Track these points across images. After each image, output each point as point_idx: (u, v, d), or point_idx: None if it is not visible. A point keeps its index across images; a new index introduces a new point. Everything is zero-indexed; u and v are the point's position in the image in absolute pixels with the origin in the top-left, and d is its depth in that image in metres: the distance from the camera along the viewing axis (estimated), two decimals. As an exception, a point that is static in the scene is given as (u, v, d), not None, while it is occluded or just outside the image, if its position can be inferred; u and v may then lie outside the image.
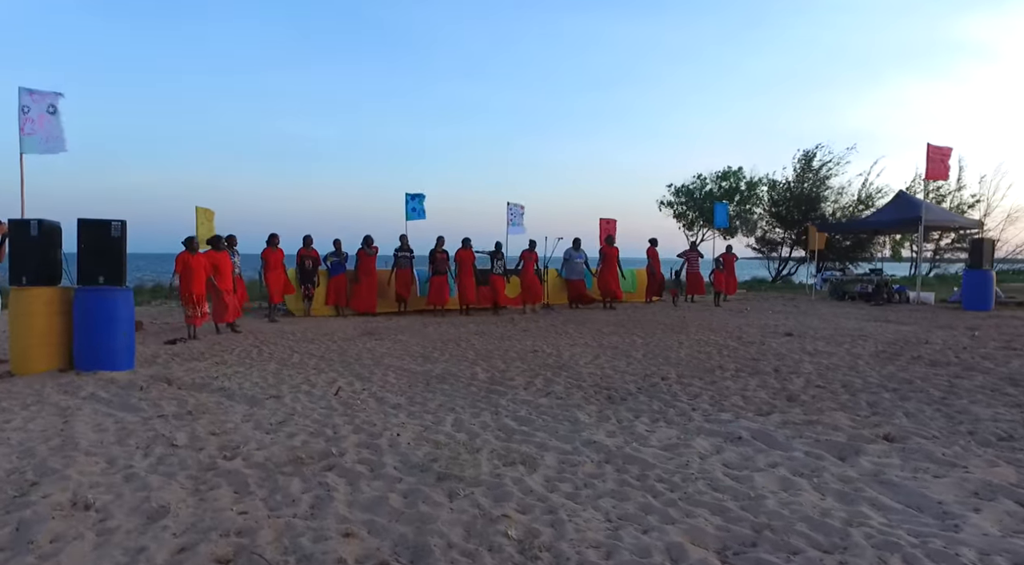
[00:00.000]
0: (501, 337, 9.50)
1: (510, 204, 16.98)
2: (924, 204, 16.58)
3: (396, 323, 11.32)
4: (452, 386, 6.07)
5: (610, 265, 14.45)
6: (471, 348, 8.42)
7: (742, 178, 32.68)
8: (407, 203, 15.86)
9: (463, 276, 12.81)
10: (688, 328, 10.62)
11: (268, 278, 11.34)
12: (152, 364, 7.19)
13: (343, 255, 12.46)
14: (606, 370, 6.91)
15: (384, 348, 8.38)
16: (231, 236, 11.00)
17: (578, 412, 5.11)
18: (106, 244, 6.70)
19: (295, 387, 5.97)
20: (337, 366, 7.07)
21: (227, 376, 6.45)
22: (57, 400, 5.40)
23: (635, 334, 9.83)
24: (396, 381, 6.27)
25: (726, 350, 8.26)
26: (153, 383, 6.04)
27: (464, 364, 7.23)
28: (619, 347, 8.52)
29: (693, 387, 6.07)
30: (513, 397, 5.62)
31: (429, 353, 8.00)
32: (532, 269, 13.65)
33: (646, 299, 16.14)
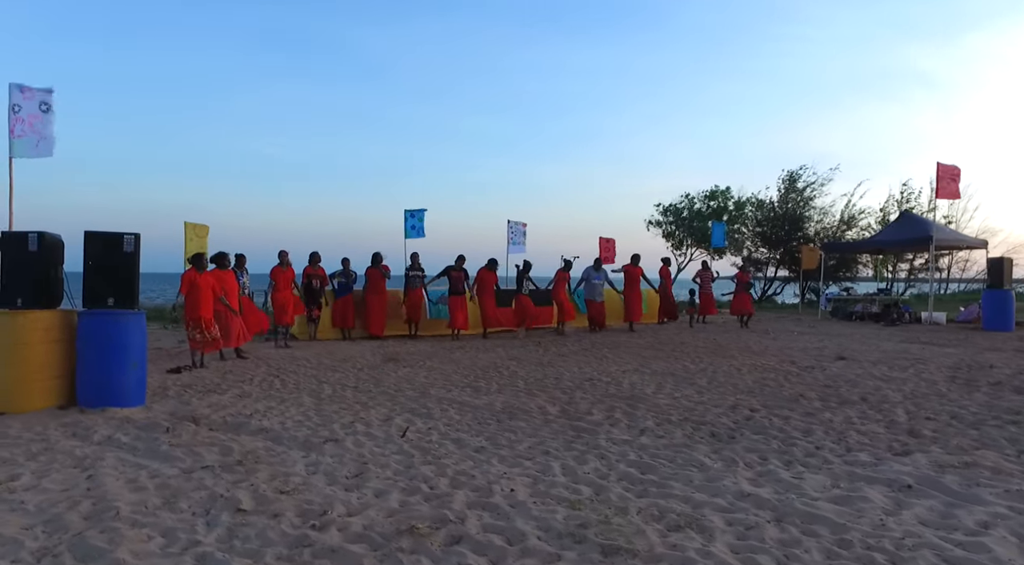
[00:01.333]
0: (540, 363, 8.75)
1: (511, 222, 16.33)
2: (934, 224, 16.43)
3: (415, 347, 10.47)
4: (528, 423, 5.30)
5: (635, 286, 13.82)
6: (516, 376, 7.66)
7: (730, 198, 32.72)
8: (406, 220, 15.06)
9: (485, 298, 12.04)
10: (729, 351, 10.02)
11: (275, 298, 10.38)
12: (164, 398, 6.27)
13: (351, 275, 11.59)
14: (682, 401, 6.22)
15: (421, 377, 7.56)
16: (240, 255, 10.06)
17: (694, 454, 4.41)
18: (117, 261, 5.81)
19: (348, 426, 5.14)
20: (381, 399, 6.24)
21: (261, 413, 5.58)
22: (69, 447, 4.49)
23: (681, 359, 9.17)
24: (460, 418, 5.48)
25: (791, 376, 7.65)
26: (178, 423, 5.14)
27: (522, 395, 6.47)
28: (675, 373, 7.85)
29: (793, 420, 5.42)
30: (608, 437, 4.88)
31: (474, 382, 7.21)
32: (564, 289, 13.00)
33: (659, 320, 15.55)
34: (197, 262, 8.05)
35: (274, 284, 10.44)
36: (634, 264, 14.09)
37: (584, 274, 13.44)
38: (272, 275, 10.47)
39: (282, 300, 10.42)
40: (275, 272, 10.46)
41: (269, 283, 10.51)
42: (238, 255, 9.94)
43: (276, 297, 10.42)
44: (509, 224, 16.36)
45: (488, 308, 12.07)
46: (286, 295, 10.47)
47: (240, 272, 9.78)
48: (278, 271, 10.47)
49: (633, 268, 13.97)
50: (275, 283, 10.43)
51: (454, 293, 11.80)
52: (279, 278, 10.44)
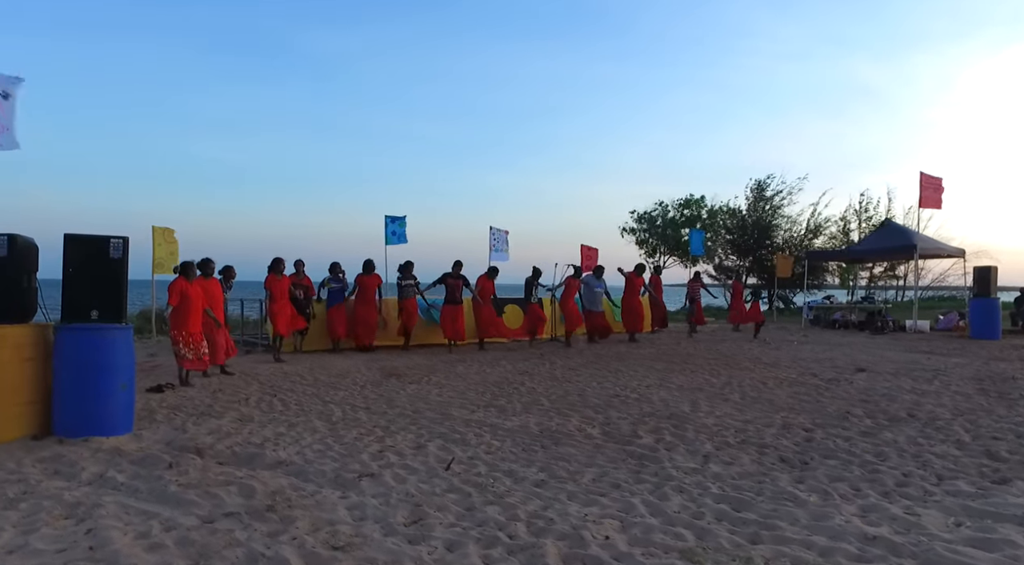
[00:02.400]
0: (554, 377, 8.22)
1: (493, 228, 15.77)
2: (917, 233, 16.53)
3: (412, 361, 9.82)
4: (578, 450, 4.77)
5: (636, 295, 13.40)
6: (536, 393, 7.11)
7: (703, 206, 32.85)
8: (387, 226, 14.42)
9: (483, 307, 11.45)
10: (740, 362, 9.66)
11: (272, 310, 9.59)
12: (152, 423, 5.54)
13: (344, 282, 10.86)
14: (727, 420, 5.78)
15: (434, 395, 6.95)
16: (229, 267, 9.26)
17: (778, 484, 3.95)
18: (101, 268, 5.08)
19: (377, 456, 4.52)
20: (401, 422, 5.62)
21: (272, 441, 4.91)
22: (54, 489, 3.76)
23: (697, 372, 8.76)
24: (500, 444, 4.91)
25: (822, 390, 7.30)
26: (179, 455, 4.45)
27: (553, 416, 5.94)
28: (702, 388, 7.42)
29: (856, 441, 5.03)
30: (673, 464, 4.38)
31: (493, 401, 6.64)
32: (574, 297, 12.48)
33: (652, 329, 15.18)
34: (187, 271, 7.28)
35: (270, 294, 9.64)
36: (638, 274, 13.68)
37: (584, 282, 12.93)
38: (267, 285, 9.66)
39: (278, 311, 9.62)
40: (270, 281, 9.65)
41: (266, 294, 9.71)
42: (225, 266, 9.17)
43: (272, 308, 9.61)
44: (491, 230, 15.81)
45: (486, 318, 11.49)
46: (283, 306, 9.66)
47: (226, 285, 9.03)
48: (273, 280, 9.66)
49: (636, 277, 13.54)
50: (271, 293, 9.63)
51: (450, 302, 11.13)
52: (274, 288, 9.63)
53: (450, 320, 11.08)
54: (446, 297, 11.12)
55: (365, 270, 11.07)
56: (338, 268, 10.88)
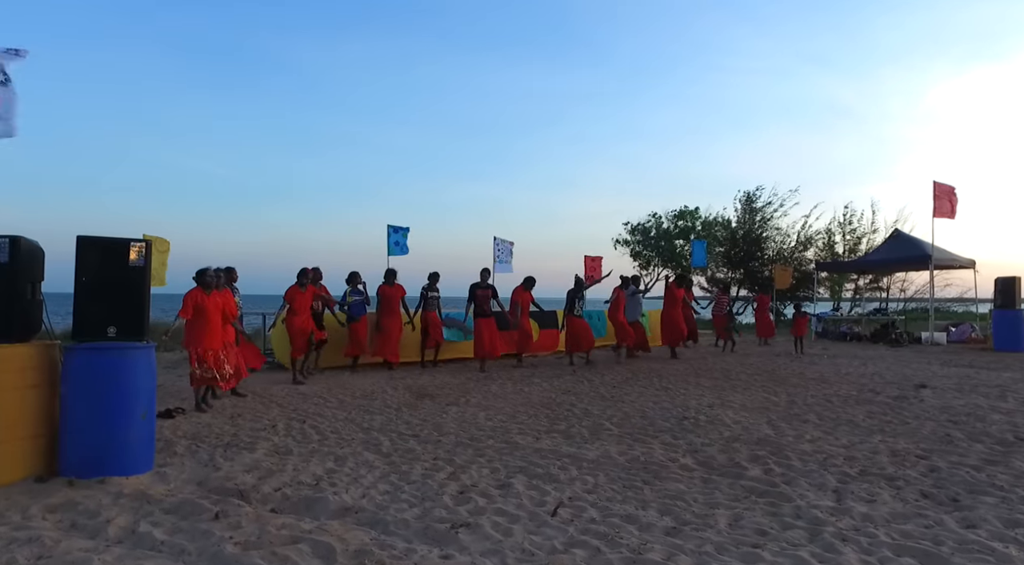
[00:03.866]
0: (601, 396, 7.54)
1: (497, 239, 15.16)
2: (931, 244, 16.24)
3: (439, 379, 9.05)
4: (686, 485, 4.11)
5: (677, 307, 12.46)
6: (591, 414, 6.44)
7: (698, 218, 32.57)
8: (389, 236, 13.74)
9: (520, 320, 10.67)
10: (788, 379, 9.09)
11: (292, 324, 8.72)
12: (172, 455, 4.75)
13: (364, 293, 10.05)
14: (823, 446, 5.16)
15: (482, 419, 6.22)
16: (231, 269, 8.44)
17: (950, 526, 3.33)
18: (120, 276, 4.32)
19: (460, 498, 3.81)
20: (464, 453, 4.89)
21: (326, 480, 4.16)
22: (78, 552, 2.99)
23: (749, 389, 8.15)
24: (593, 479, 4.22)
25: (900, 410, 6.73)
26: (222, 502, 3.69)
27: (630, 442, 5.26)
28: (768, 408, 6.80)
29: (988, 471, 4.43)
30: (807, 502, 3.73)
31: (554, 425, 5.94)
32: (623, 308, 11.61)
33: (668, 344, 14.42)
34: (203, 280, 6.47)
35: (290, 307, 8.71)
36: (679, 284, 12.89)
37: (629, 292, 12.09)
38: (287, 297, 8.73)
39: (300, 328, 8.72)
40: (291, 293, 8.72)
41: (282, 305, 8.81)
42: (227, 269, 8.33)
43: (294, 322, 8.68)
44: (496, 241, 15.22)
45: (525, 332, 10.76)
46: (304, 321, 8.78)
47: (233, 289, 8.22)
48: (295, 292, 8.73)
49: (678, 289, 12.70)
50: (291, 306, 8.70)
51: (480, 315, 10.26)
52: (296, 301, 8.71)
53: (485, 336, 10.12)
54: (475, 310, 10.25)
55: (387, 280, 10.25)
56: (358, 278, 10.01)
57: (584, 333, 10.89)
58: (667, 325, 12.40)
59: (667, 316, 12.45)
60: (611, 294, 11.88)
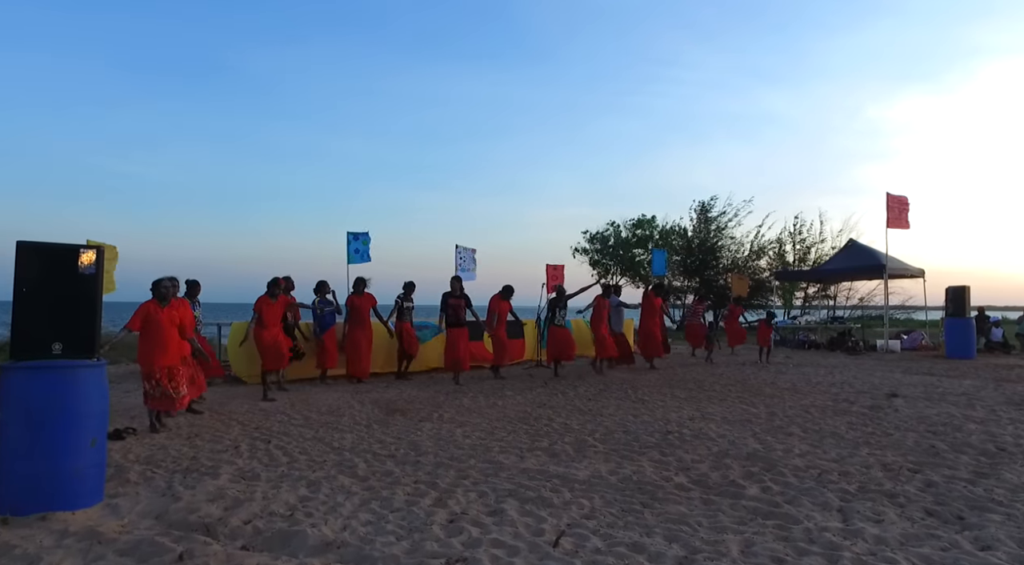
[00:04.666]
0: (579, 410, 7.32)
1: (459, 247, 14.89)
2: (884, 254, 16.67)
3: (406, 392, 8.69)
4: (686, 506, 3.90)
5: (655, 317, 12.20)
6: (572, 429, 6.21)
7: (655, 227, 32.92)
8: (349, 243, 13.34)
9: (499, 330, 10.32)
10: (761, 389, 9.06)
11: (262, 339, 8.16)
12: (124, 484, 4.31)
13: (335, 303, 9.57)
14: (814, 460, 5.05)
15: (459, 436, 5.91)
16: (194, 282, 7.94)
17: (970, 550, 3.21)
18: (68, 287, 3.88)
19: (451, 528, 3.51)
20: (447, 475, 4.58)
21: (301, 510, 3.80)
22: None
23: (727, 400, 8.07)
24: (588, 503, 3.97)
25: (879, 420, 6.73)
26: (185, 539, 3.30)
27: (617, 459, 5.04)
28: (751, 420, 6.70)
29: (983, 485, 4.38)
30: (815, 524, 3.58)
31: (536, 443, 5.68)
32: (606, 318, 11.20)
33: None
34: (157, 291, 5.96)
35: (260, 319, 8.18)
36: (657, 293, 12.59)
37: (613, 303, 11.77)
38: (257, 307, 8.23)
39: (270, 341, 8.20)
40: (260, 303, 8.23)
41: (253, 317, 8.27)
42: (190, 281, 7.86)
43: (263, 335, 8.17)
44: (457, 249, 14.96)
45: (502, 342, 10.40)
46: (274, 334, 8.26)
47: (194, 302, 7.73)
48: (265, 302, 8.24)
49: (656, 297, 12.39)
50: (261, 318, 8.19)
51: (454, 325, 9.87)
52: (266, 312, 8.22)
53: (456, 346, 9.78)
54: (448, 320, 9.85)
55: (356, 290, 9.79)
56: (326, 287, 9.54)
57: (567, 343, 10.59)
58: (645, 336, 12.10)
59: (645, 327, 12.15)
60: (590, 303, 11.56)
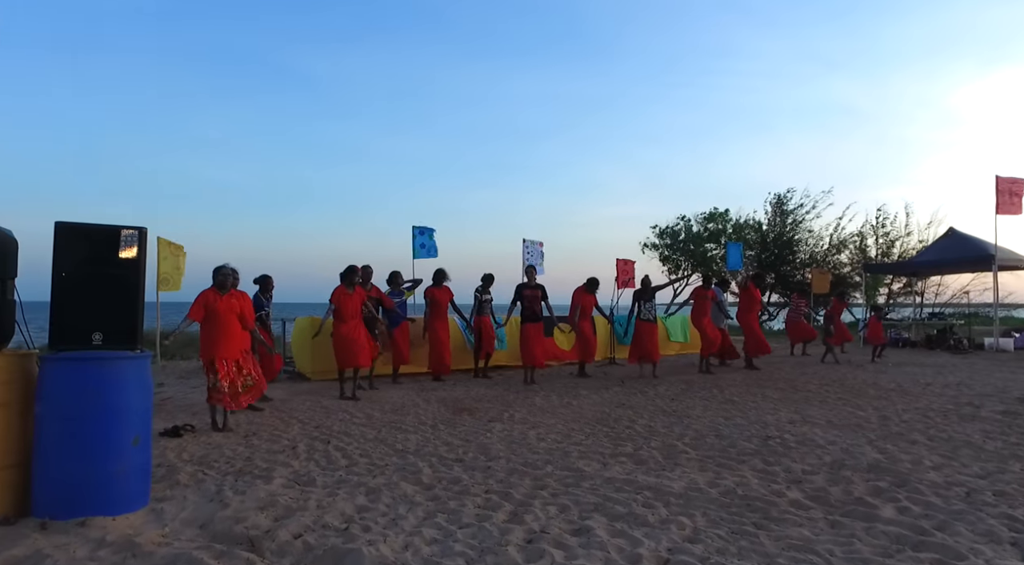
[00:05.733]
0: (660, 410, 6.66)
1: (526, 241, 14.40)
2: (993, 244, 15.10)
3: (473, 391, 8.22)
4: (810, 529, 3.22)
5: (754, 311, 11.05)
6: (657, 432, 5.57)
7: (728, 220, 31.48)
8: (414, 238, 13.04)
9: (584, 325, 9.64)
10: (865, 390, 8.13)
11: (339, 331, 7.39)
12: (173, 486, 3.98)
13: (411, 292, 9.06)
14: (954, 474, 4.24)
15: (532, 438, 5.37)
16: (266, 277, 7.68)
17: None
18: (109, 271, 3.57)
19: (532, 551, 2.96)
20: (522, 483, 4.04)
21: (358, 523, 3.34)
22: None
23: (828, 402, 7.23)
24: (690, 522, 3.35)
25: (1016, 428, 5.79)
26: (226, 555, 2.89)
27: (715, 468, 4.39)
28: (860, 425, 5.88)
29: None
30: (988, 559, 2.85)
31: (619, 447, 5.06)
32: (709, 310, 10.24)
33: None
34: (216, 279, 5.68)
35: (336, 310, 7.44)
36: (757, 283, 11.46)
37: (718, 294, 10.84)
38: (333, 299, 7.43)
39: (347, 336, 7.35)
40: (338, 294, 7.42)
41: (329, 309, 7.58)
42: (263, 277, 7.61)
43: (340, 329, 7.39)
44: (525, 243, 14.47)
45: (587, 337, 9.68)
46: (353, 328, 7.39)
47: (266, 298, 7.49)
48: (342, 294, 7.41)
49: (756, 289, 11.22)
50: (338, 310, 7.41)
51: (530, 320, 9.10)
52: (344, 303, 7.40)
53: (531, 342, 8.93)
54: (524, 314, 9.12)
55: (436, 282, 9.18)
56: (400, 279, 8.93)
57: (652, 340, 9.52)
58: (747, 331, 10.94)
59: (745, 321, 10.99)
60: (688, 296, 10.66)
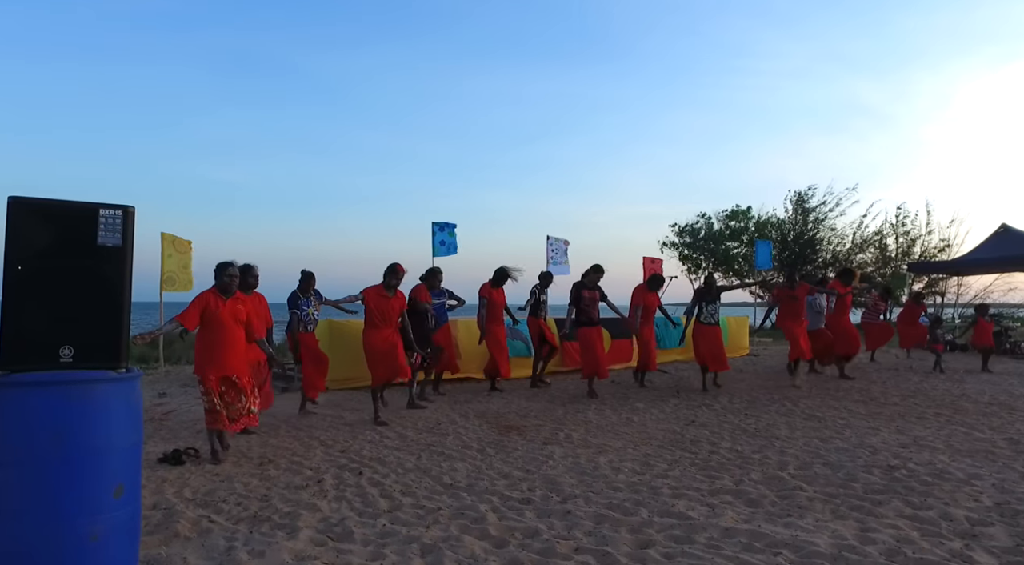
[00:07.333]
0: (742, 430, 5.72)
1: (550, 238, 13.57)
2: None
3: (517, 404, 7.22)
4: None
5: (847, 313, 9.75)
6: (749, 458, 4.64)
7: (751, 218, 30.49)
8: (434, 235, 12.21)
9: (645, 330, 8.56)
10: (963, 405, 7.16)
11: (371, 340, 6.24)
12: (172, 539, 3.09)
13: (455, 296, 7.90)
14: None
15: (605, 467, 4.43)
16: (308, 274, 6.66)
17: None
18: (83, 265, 2.68)
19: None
20: (619, 537, 3.12)
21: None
22: None
23: (936, 419, 6.29)
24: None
25: None
26: None
27: (846, 513, 3.46)
28: (996, 452, 4.94)
29: None
30: None
31: (717, 481, 4.13)
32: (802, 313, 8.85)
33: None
34: (219, 279, 4.72)
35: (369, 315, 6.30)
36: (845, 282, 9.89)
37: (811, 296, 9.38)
38: (367, 300, 6.30)
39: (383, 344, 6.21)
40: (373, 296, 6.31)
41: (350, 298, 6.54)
42: (304, 272, 6.65)
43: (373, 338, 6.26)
44: (549, 240, 13.67)
45: (649, 343, 8.60)
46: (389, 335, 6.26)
47: (307, 298, 6.56)
48: (379, 294, 6.29)
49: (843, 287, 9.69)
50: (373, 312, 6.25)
51: (586, 323, 7.86)
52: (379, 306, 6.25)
53: (594, 348, 7.74)
54: (579, 317, 7.91)
55: (497, 281, 8.16)
56: (439, 275, 7.69)
57: (718, 345, 8.32)
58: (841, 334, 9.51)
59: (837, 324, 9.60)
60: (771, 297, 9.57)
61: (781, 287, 9.17)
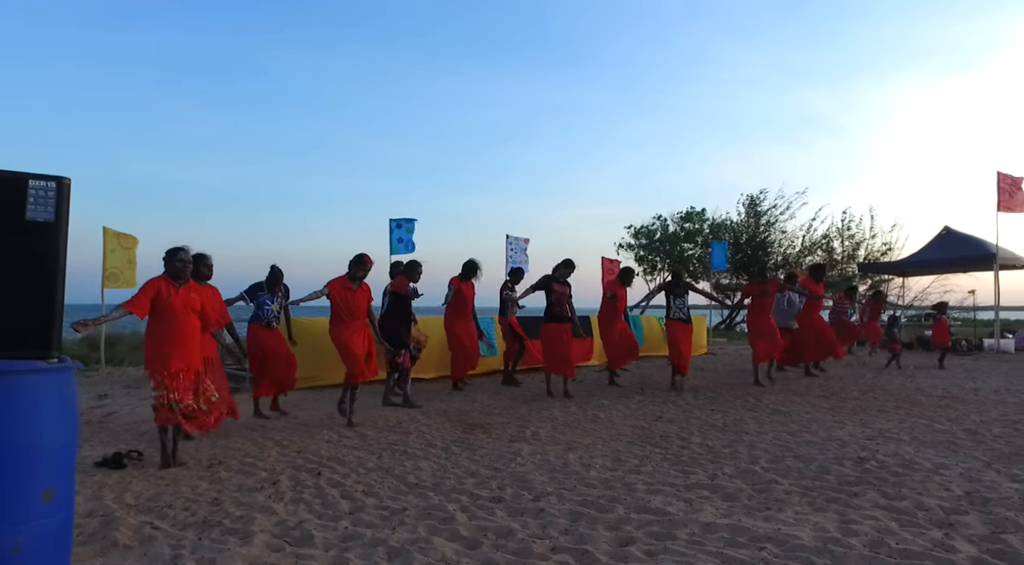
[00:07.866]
0: (710, 425, 5.67)
1: (510, 237, 13.46)
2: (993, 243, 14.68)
3: (480, 402, 7.06)
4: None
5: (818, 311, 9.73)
6: (720, 453, 4.57)
7: (705, 220, 31.00)
8: (391, 232, 11.95)
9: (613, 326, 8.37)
10: (918, 399, 7.32)
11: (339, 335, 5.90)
12: (110, 549, 2.81)
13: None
14: None
15: (575, 463, 4.29)
16: (276, 270, 6.38)
17: None
18: (9, 242, 2.39)
19: None
20: (597, 536, 2.98)
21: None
22: None
23: (889, 411, 6.37)
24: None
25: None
26: None
27: (822, 505, 3.40)
28: (957, 443, 5.00)
29: None
30: None
31: (691, 476, 4.04)
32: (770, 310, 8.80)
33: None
34: (170, 265, 4.36)
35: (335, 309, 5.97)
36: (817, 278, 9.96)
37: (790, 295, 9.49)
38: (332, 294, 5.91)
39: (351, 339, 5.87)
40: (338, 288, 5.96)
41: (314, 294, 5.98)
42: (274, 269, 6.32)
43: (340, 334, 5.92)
44: (508, 239, 13.55)
45: (622, 338, 8.39)
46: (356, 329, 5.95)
47: (271, 294, 6.22)
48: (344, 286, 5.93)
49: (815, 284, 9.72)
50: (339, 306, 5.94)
51: (553, 319, 7.63)
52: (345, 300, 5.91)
53: (561, 345, 7.51)
54: (548, 312, 7.69)
55: (466, 275, 7.90)
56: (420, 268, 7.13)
57: (686, 342, 8.20)
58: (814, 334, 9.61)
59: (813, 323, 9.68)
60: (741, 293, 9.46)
61: (752, 282, 9.15)
